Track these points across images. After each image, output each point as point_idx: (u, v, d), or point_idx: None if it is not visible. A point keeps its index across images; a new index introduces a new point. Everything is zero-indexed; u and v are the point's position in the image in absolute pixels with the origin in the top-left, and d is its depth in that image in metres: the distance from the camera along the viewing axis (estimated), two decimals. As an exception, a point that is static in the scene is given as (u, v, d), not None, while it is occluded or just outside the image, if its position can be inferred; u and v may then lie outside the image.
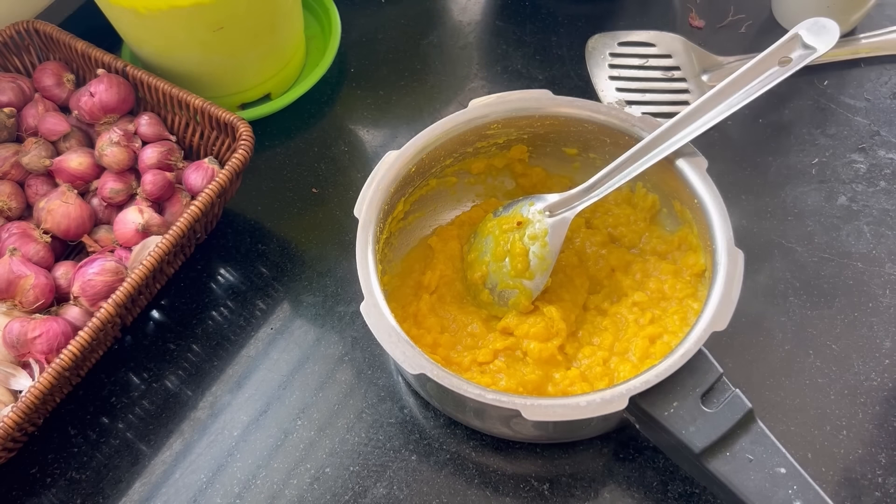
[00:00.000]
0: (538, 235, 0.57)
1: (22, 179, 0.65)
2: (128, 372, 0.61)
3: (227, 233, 0.68)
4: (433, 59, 0.78)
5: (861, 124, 0.71)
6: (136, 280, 0.56)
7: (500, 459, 0.56)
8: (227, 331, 0.63)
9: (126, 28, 0.68)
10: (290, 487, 0.56)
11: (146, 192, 0.63)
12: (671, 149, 0.56)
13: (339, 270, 0.65)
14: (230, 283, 0.65)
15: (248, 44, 0.69)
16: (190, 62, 0.68)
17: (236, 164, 0.61)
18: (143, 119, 0.66)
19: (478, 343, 0.57)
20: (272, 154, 0.73)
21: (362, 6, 0.82)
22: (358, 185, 0.57)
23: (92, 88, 0.65)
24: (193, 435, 0.58)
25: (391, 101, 0.76)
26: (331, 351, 0.61)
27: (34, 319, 0.56)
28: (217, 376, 0.61)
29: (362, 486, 0.55)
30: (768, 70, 0.55)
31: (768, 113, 0.72)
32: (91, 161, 0.64)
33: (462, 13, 0.82)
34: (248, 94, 0.73)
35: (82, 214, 0.62)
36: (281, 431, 0.58)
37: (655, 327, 0.56)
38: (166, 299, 0.64)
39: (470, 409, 0.53)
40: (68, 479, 0.57)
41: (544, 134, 0.62)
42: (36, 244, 0.60)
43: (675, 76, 0.73)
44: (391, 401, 0.59)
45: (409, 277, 0.61)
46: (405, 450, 0.57)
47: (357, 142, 0.73)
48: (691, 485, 0.54)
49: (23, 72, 0.71)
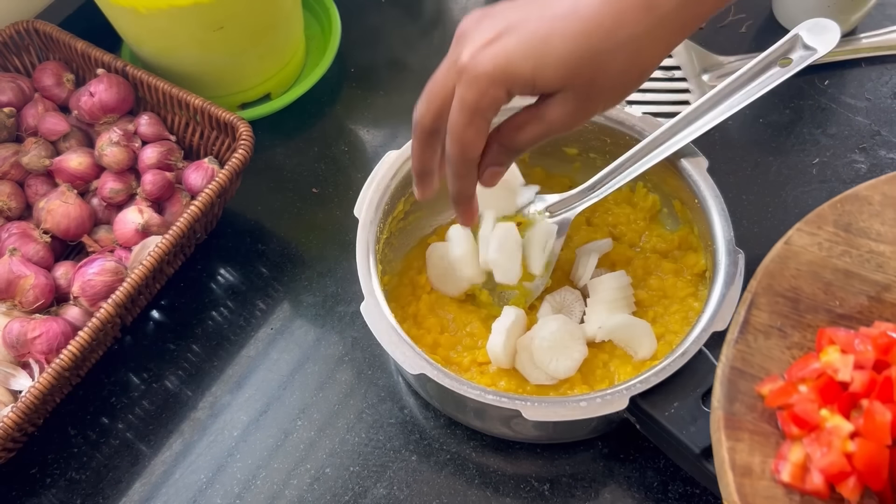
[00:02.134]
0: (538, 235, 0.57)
1: (22, 179, 0.65)
2: (128, 372, 0.61)
3: (227, 233, 0.68)
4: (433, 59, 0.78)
5: (862, 124, 0.71)
6: (136, 280, 0.56)
7: (501, 460, 0.56)
8: (227, 331, 0.63)
9: (126, 28, 0.68)
10: (290, 488, 0.56)
11: (146, 192, 0.63)
12: (672, 149, 0.55)
13: (339, 270, 0.65)
14: (230, 283, 0.65)
15: (248, 43, 0.68)
16: (190, 62, 0.68)
17: (236, 164, 0.61)
18: (143, 119, 0.66)
19: (478, 343, 0.57)
20: (272, 154, 0.73)
21: (362, 6, 0.82)
22: (358, 185, 0.57)
23: (92, 88, 0.65)
24: (193, 435, 0.58)
25: (391, 101, 0.76)
26: (331, 351, 0.61)
27: (34, 319, 0.56)
28: (217, 376, 0.61)
29: (362, 487, 0.55)
30: (769, 71, 0.55)
31: (769, 113, 0.72)
32: (91, 161, 0.64)
33: (462, 13, 0.82)
34: (247, 93, 0.73)
35: (82, 214, 0.62)
36: (281, 432, 0.58)
37: (657, 327, 0.56)
38: (166, 299, 0.64)
39: (470, 409, 0.53)
40: (68, 480, 0.57)
41: (544, 134, 0.62)
42: (36, 244, 0.60)
43: (676, 76, 0.73)
44: (391, 401, 0.59)
45: (408, 277, 0.61)
46: (405, 450, 0.57)
47: (357, 142, 0.73)
48: (691, 485, 0.54)
49: (22, 72, 0.70)
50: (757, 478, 0.38)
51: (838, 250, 0.45)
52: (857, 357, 0.38)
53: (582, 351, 0.54)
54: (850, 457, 0.36)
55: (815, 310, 0.43)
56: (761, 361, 0.42)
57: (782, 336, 0.43)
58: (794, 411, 0.38)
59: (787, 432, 0.39)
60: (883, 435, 0.35)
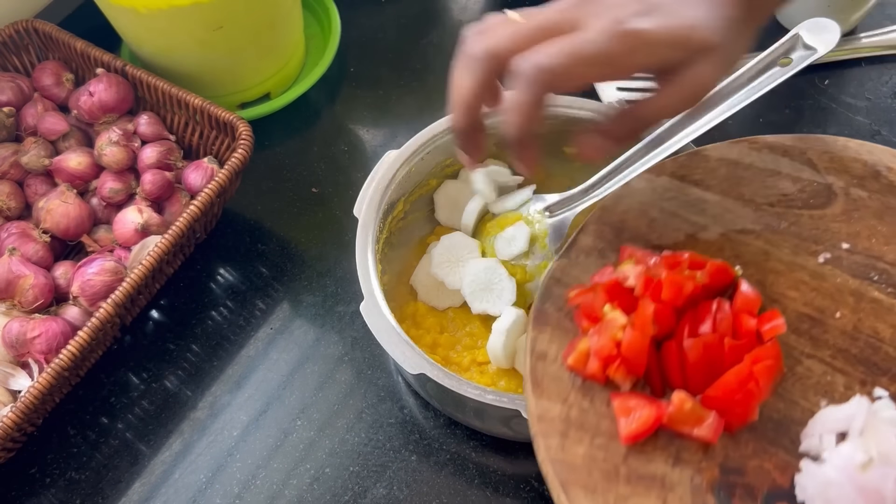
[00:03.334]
0: (538, 236, 0.57)
1: (21, 179, 0.65)
2: (127, 372, 0.61)
3: (226, 233, 0.68)
4: (433, 59, 0.78)
5: (862, 124, 0.71)
6: (136, 280, 0.56)
7: (500, 460, 0.56)
8: (227, 331, 0.63)
9: (125, 27, 0.68)
10: (290, 488, 0.56)
11: (145, 191, 0.63)
12: (672, 148, 0.55)
13: (339, 270, 0.65)
14: (230, 283, 0.65)
15: (248, 43, 0.68)
16: (189, 62, 0.68)
17: (236, 164, 0.61)
18: (143, 118, 0.66)
19: (477, 343, 0.57)
20: (272, 154, 0.73)
21: (362, 6, 0.82)
22: (358, 185, 0.57)
23: (91, 88, 0.65)
24: (193, 435, 0.58)
25: (391, 101, 0.76)
26: (331, 351, 0.61)
27: (33, 319, 0.56)
28: (217, 376, 0.61)
29: (362, 487, 0.55)
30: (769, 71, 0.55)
31: (769, 112, 0.72)
32: (90, 160, 0.64)
33: (462, 13, 0.82)
34: (247, 93, 0.73)
35: (81, 214, 0.62)
36: (281, 431, 0.58)
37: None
38: (166, 299, 0.64)
39: (470, 409, 0.53)
40: (68, 480, 0.57)
41: (544, 134, 0.62)
42: (35, 244, 0.60)
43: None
44: (391, 401, 0.59)
45: (408, 277, 0.61)
46: (405, 450, 0.57)
47: (357, 142, 0.73)
48: (691, 485, 0.54)
49: (22, 71, 0.70)
50: (550, 362, 0.43)
51: (669, 195, 0.49)
52: (646, 269, 0.43)
53: None
54: (619, 344, 0.41)
55: (635, 239, 0.48)
56: (578, 274, 0.47)
57: (601, 256, 0.48)
58: (584, 306, 0.44)
59: (580, 326, 0.44)
60: (646, 326, 0.41)
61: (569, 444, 0.39)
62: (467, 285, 0.56)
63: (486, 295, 0.56)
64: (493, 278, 0.57)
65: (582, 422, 0.40)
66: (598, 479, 0.38)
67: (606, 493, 0.37)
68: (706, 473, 0.39)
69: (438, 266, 0.58)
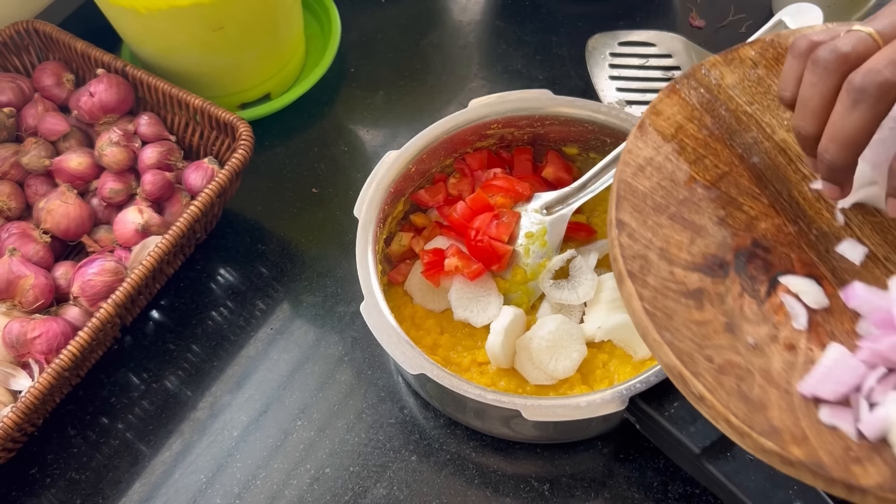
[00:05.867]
0: (536, 235, 0.57)
1: (21, 179, 0.65)
2: (127, 372, 0.61)
3: (226, 233, 0.68)
4: (433, 59, 0.78)
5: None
6: (136, 280, 0.56)
7: (501, 460, 0.56)
8: (227, 331, 0.63)
9: (126, 28, 0.68)
10: (290, 488, 0.56)
11: (146, 192, 0.63)
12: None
13: (339, 270, 0.65)
14: (230, 284, 0.65)
15: (248, 44, 0.68)
16: (190, 62, 0.68)
17: (236, 164, 0.61)
18: (143, 119, 0.66)
19: (477, 343, 0.57)
20: (272, 154, 0.73)
21: (362, 6, 0.82)
22: (358, 185, 0.57)
23: (91, 88, 0.65)
24: (193, 435, 0.58)
25: (391, 101, 0.76)
26: (331, 351, 0.61)
27: (34, 319, 0.56)
28: (217, 376, 0.61)
29: (362, 487, 0.55)
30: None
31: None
32: (91, 161, 0.64)
33: (462, 13, 0.82)
34: (247, 93, 0.73)
35: (82, 214, 0.62)
36: (281, 432, 0.58)
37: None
38: (166, 299, 0.64)
39: (470, 409, 0.53)
40: (68, 480, 0.57)
41: (544, 134, 0.62)
42: (35, 244, 0.60)
43: (676, 76, 0.73)
44: (391, 401, 0.59)
45: (408, 278, 0.61)
46: (405, 450, 0.57)
47: (357, 142, 0.73)
48: (691, 485, 0.54)
49: (22, 72, 0.70)
50: (663, 119, 0.46)
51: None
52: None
53: (581, 351, 0.54)
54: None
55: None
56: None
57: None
58: None
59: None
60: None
61: (641, 176, 0.44)
62: (454, 290, 0.56)
63: (472, 305, 0.56)
64: (482, 291, 0.56)
65: (661, 166, 0.45)
66: (649, 207, 0.43)
67: (648, 217, 0.42)
68: (739, 239, 0.43)
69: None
